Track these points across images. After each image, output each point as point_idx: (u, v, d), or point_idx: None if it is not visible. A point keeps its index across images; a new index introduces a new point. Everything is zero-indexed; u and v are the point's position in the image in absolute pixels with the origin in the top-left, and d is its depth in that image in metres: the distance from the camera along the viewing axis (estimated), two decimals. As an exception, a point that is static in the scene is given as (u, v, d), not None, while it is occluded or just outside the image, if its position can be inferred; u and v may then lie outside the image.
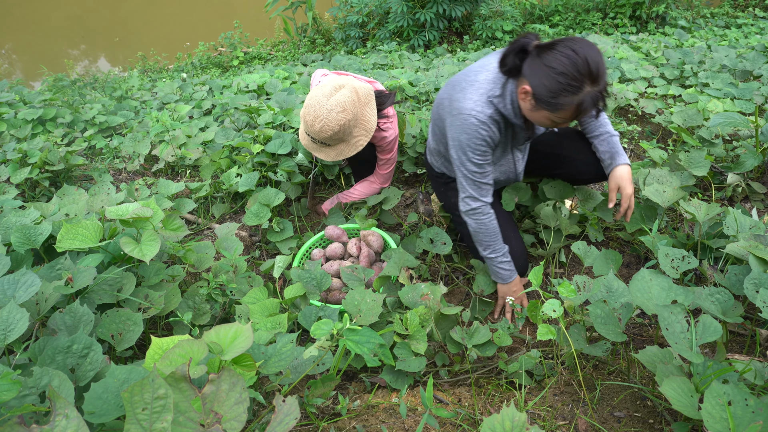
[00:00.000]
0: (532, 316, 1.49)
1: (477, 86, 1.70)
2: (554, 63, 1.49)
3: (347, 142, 2.16)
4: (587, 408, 1.43)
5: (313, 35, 6.98)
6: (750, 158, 2.27)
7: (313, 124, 2.07)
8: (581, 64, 1.46)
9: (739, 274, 1.56)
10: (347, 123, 2.08)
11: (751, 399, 1.07)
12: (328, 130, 2.06)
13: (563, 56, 1.48)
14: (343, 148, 2.17)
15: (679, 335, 1.26)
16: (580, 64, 1.46)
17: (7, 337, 1.24)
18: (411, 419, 1.42)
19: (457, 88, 1.74)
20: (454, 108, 1.72)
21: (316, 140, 2.15)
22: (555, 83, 1.49)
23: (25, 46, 8.47)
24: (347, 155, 2.17)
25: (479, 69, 1.74)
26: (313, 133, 2.10)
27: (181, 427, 0.92)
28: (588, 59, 1.46)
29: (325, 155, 2.19)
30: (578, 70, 1.47)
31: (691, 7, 6.66)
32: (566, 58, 1.47)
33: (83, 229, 1.60)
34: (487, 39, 5.97)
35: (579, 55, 1.47)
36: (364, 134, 2.17)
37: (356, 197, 2.50)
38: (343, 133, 2.11)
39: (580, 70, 1.47)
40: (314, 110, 2.06)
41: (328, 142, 2.13)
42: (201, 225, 2.60)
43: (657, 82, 3.34)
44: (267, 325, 1.64)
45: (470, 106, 1.68)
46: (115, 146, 3.34)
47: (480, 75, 1.72)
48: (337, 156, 2.18)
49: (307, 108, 2.09)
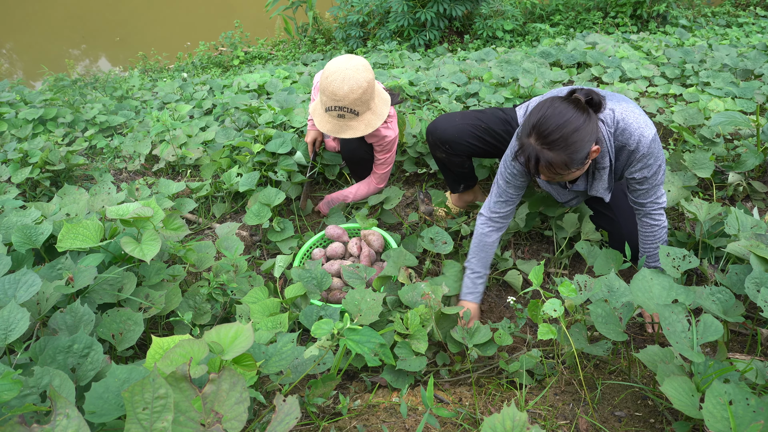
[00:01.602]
0: (533, 316, 1.49)
1: None
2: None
3: (372, 110, 2.11)
4: (588, 407, 1.43)
5: (314, 35, 6.97)
6: (751, 157, 2.27)
7: (341, 87, 2.02)
8: (530, 118, 1.55)
9: (740, 273, 1.56)
10: (371, 81, 2.07)
11: (752, 398, 1.07)
12: (357, 89, 2.02)
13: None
14: (369, 118, 2.11)
15: (680, 334, 1.25)
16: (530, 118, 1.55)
17: (8, 337, 1.24)
18: (412, 419, 1.42)
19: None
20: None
21: (345, 111, 2.06)
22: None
23: (26, 46, 8.48)
24: (375, 126, 2.12)
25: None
26: (343, 97, 2.03)
27: (181, 426, 0.92)
28: (535, 117, 1.54)
29: (353, 131, 2.11)
30: (526, 123, 1.56)
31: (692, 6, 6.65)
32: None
33: (84, 228, 1.60)
34: (488, 38, 5.96)
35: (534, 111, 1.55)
36: (383, 103, 2.16)
37: (350, 199, 2.50)
38: (370, 95, 2.07)
39: (526, 123, 1.56)
40: (340, 74, 2.02)
41: (357, 109, 2.06)
42: (202, 225, 2.60)
43: (658, 81, 3.34)
44: (268, 324, 1.64)
45: None
46: (115, 146, 3.34)
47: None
48: (366, 128, 2.11)
49: (331, 75, 2.03)
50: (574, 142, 1.49)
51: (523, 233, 2.35)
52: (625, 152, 1.69)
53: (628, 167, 1.72)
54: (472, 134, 2.08)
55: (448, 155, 2.14)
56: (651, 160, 1.68)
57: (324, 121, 2.14)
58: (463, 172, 2.24)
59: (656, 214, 1.80)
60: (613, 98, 1.71)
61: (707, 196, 2.30)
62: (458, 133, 2.08)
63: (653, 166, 1.69)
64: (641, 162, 1.68)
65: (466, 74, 3.70)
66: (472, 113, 2.15)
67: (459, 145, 2.09)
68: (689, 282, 1.93)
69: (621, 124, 1.65)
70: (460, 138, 2.08)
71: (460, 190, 2.35)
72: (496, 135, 2.09)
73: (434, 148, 2.16)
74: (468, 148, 2.11)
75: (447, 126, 2.09)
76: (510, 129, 2.08)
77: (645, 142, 1.64)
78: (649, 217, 1.81)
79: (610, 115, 1.66)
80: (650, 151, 1.66)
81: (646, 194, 1.76)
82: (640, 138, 1.64)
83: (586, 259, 1.92)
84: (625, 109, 1.66)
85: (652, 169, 1.69)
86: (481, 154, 2.15)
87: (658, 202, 1.78)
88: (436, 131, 2.12)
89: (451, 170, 2.24)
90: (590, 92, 1.55)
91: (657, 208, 1.79)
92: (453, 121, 2.10)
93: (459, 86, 3.45)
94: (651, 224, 1.82)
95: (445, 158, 2.17)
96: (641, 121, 1.65)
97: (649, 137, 1.64)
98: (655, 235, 1.83)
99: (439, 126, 2.11)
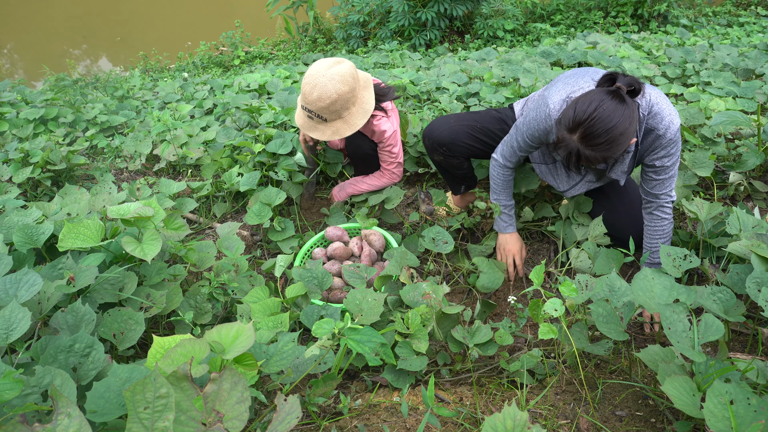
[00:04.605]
0: (533, 315, 1.48)
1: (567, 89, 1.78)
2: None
3: (344, 120, 2.11)
4: (589, 407, 1.43)
5: (315, 34, 6.97)
6: (752, 157, 2.27)
7: (311, 93, 2.03)
8: (576, 113, 1.54)
9: (741, 273, 1.56)
10: (345, 94, 2.05)
11: (754, 398, 1.07)
12: (325, 98, 2.02)
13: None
14: (339, 126, 2.12)
15: (681, 334, 1.25)
16: (576, 113, 1.54)
17: (10, 336, 1.25)
18: (412, 418, 1.42)
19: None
20: (544, 96, 1.81)
21: (312, 115, 2.09)
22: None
23: (27, 45, 8.49)
24: (343, 134, 2.12)
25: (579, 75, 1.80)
26: (310, 103, 2.05)
27: (182, 426, 0.93)
28: (583, 114, 1.53)
29: (320, 134, 2.14)
30: (569, 118, 1.55)
31: (693, 5, 6.64)
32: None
33: (85, 228, 1.61)
34: (489, 38, 5.96)
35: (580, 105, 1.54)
36: (362, 114, 2.12)
37: (365, 189, 2.48)
38: (341, 106, 2.06)
39: (570, 118, 1.55)
40: (313, 79, 2.03)
41: (324, 116, 2.08)
42: (202, 224, 2.60)
43: (659, 81, 3.33)
44: (268, 324, 1.64)
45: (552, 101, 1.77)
46: (116, 146, 3.34)
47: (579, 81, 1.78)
48: (332, 135, 2.13)
49: (307, 78, 2.06)
50: (620, 144, 1.52)
51: (524, 234, 2.35)
52: (652, 136, 1.70)
53: (651, 153, 1.74)
54: (469, 135, 2.09)
55: (446, 157, 2.15)
56: (674, 149, 1.71)
57: (299, 114, 2.18)
58: (463, 173, 2.24)
59: (667, 208, 1.82)
60: (645, 84, 1.73)
61: (708, 196, 2.30)
62: (454, 135, 2.09)
63: (674, 156, 1.72)
64: (665, 149, 1.71)
65: (467, 74, 3.70)
66: (466, 114, 2.17)
67: (456, 146, 2.10)
68: (690, 282, 1.93)
69: (654, 108, 1.67)
70: (457, 139, 2.09)
71: (462, 191, 2.35)
72: (492, 134, 2.10)
73: (432, 151, 2.17)
74: (465, 149, 2.11)
75: (443, 128, 2.10)
76: (506, 128, 2.09)
77: (673, 129, 1.67)
78: (660, 210, 1.83)
79: (645, 98, 1.67)
80: (675, 138, 1.69)
81: (661, 185, 1.78)
82: (669, 124, 1.66)
83: (591, 258, 1.92)
84: (658, 94, 1.68)
85: (672, 158, 1.72)
86: (478, 154, 2.15)
87: (671, 195, 1.80)
88: (433, 134, 2.12)
89: (450, 173, 2.25)
90: (633, 81, 1.56)
91: (669, 201, 1.82)
92: (448, 123, 2.11)
93: (460, 86, 3.45)
94: (661, 218, 1.83)
95: (443, 161, 2.17)
96: (671, 108, 1.68)
97: (677, 125, 1.67)
98: (664, 230, 1.85)
99: (435, 129, 2.12)
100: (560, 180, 2.02)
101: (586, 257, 1.99)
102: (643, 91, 1.62)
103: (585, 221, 2.11)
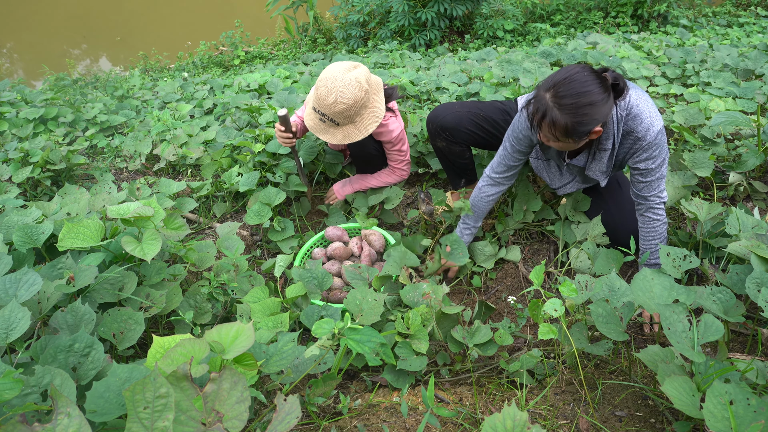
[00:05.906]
0: (533, 316, 1.48)
1: None
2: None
3: (356, 124, 2.12)
4: (588, 407, 1.43)
5: (314, 34, 6.97)
6: (752, 157, 2.27)
7: (326, 97, 2.03)
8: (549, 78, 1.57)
9: (740, 273, 1.56)
10: (360, 100, 2.06)
11: (753, 398, 1.07)
12: (341, 104, 2.03)
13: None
14: (350, 131, 2.12)
15: (680, 334, 1.25)
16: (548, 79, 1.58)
17: (9, 336, 1.25)
18: (412, 418, 1.42)
19: None
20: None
21: (325, 118, 2.09)
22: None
23: (27, 45, 8.48)
24: (353, 139, 2.13)
25: None
26: (325, 107, 2.05)
27: (182, 425, 0.93)
28: (561, 75, 1.55)
29: (331, 137, 2.14)
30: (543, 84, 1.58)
31: (693, 6, 6.64)
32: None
33: (85, 228, 1.61)
34: (489, 38, 5.96)
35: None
36: (373, 120, 2.14)
37: (375, 184, 2.49)
38: (354, 112, 2.07)
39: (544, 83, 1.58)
40: (330, 83, 2.03)
41: (337, 120, 2.09)
42: (202, 224, 2.60)
43: (659, 81, 3.33)
44: (268, 324, 1.64)
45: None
46: (116, 145, 3.34)
47: None
48: (343, 139, 2.13)
49: (322, 81, 2.05)
50: (585, 114, 1.53)
51: (523, 233, 2.34)
52: (632, 138, 1.71)
53: (633, 156, 1.75)
54: (472, 121, 2.12)
55: (448, 143, 2.18)
56: (656, 152, 1.71)
57: (310, 116, 2.17)
58: (464, 163, 2.27)
59: (658, 209, 1.83)
60: (630, 85, 1.74)
61: (708, 196, 2.30)
62: (458, 120, 2.12)
63: (658, 158, 1.72)
64: (647, 152, 1.71)
65: (467, 74, 3.70)
66: (471, 102, 2.20)
67: (459, 132, 2.13)
68: (690, 282, 1.93)
69: (634, 110, 1.68)
70: (460, 125, 2.12)
71: (462, 185, 2.36)
72: (494, 124, 2.13)
73: (435, 136, 2.20)
74: (468, 136, 2.15)
75: (447, 113, 2.14)
76: (509, 119, 2.11)
77: (653, 132, 1.67)
78: (651, 211, 1.83)
79: (625, 99, 1.68)
80: (656, 141, 1.69)
81: (649, 187, 1.78)
82: (649, 127, 1.66)
83: (591, 259, 1.92)
84: (640, 96, 1.69)
85: (656, 160, 1.72)
86: (480, 143, 2.18)
87: (660, 196, 1.81)
88: (437, 119, 2.16)
89: (451, 161, 2.27)
90: (619, 77, 1.59)
91: (659, 202, 1.82)
92: (452, 108, 2.15)
93: (460, 86, 3.45)
94: (653, 219, 1.84)
95: (445, 147, 2.21)
96: (653, 111, 1.68)
97: (657, 128, 1.67)
98: (657, 231, 1.85)
99: (439, 114, 2.16)
100: (553, 177, 2.05)
101: (586, 257, 2.00)
102: (625, 94, 1.64)
103: (582, 219, 2.12)
